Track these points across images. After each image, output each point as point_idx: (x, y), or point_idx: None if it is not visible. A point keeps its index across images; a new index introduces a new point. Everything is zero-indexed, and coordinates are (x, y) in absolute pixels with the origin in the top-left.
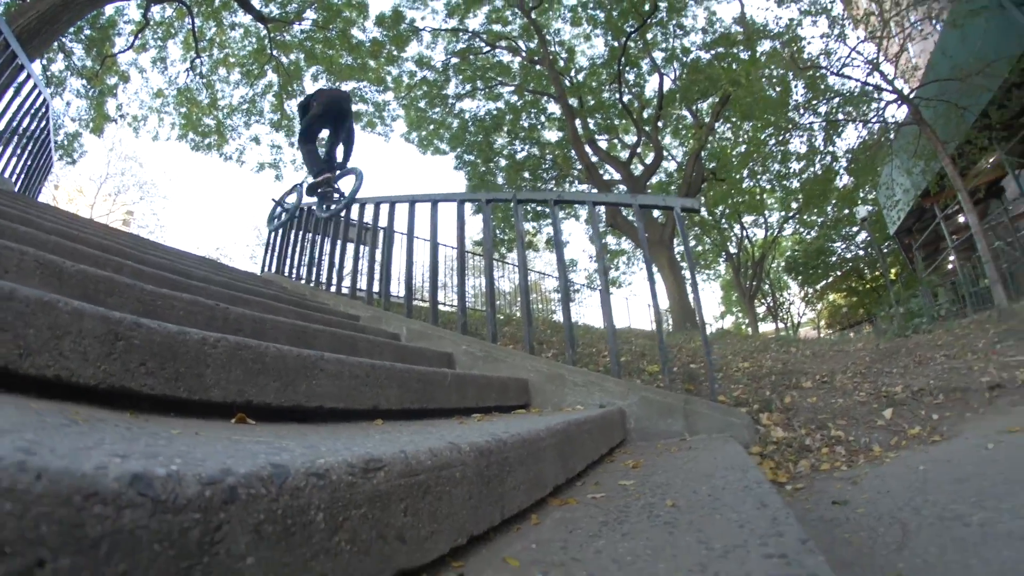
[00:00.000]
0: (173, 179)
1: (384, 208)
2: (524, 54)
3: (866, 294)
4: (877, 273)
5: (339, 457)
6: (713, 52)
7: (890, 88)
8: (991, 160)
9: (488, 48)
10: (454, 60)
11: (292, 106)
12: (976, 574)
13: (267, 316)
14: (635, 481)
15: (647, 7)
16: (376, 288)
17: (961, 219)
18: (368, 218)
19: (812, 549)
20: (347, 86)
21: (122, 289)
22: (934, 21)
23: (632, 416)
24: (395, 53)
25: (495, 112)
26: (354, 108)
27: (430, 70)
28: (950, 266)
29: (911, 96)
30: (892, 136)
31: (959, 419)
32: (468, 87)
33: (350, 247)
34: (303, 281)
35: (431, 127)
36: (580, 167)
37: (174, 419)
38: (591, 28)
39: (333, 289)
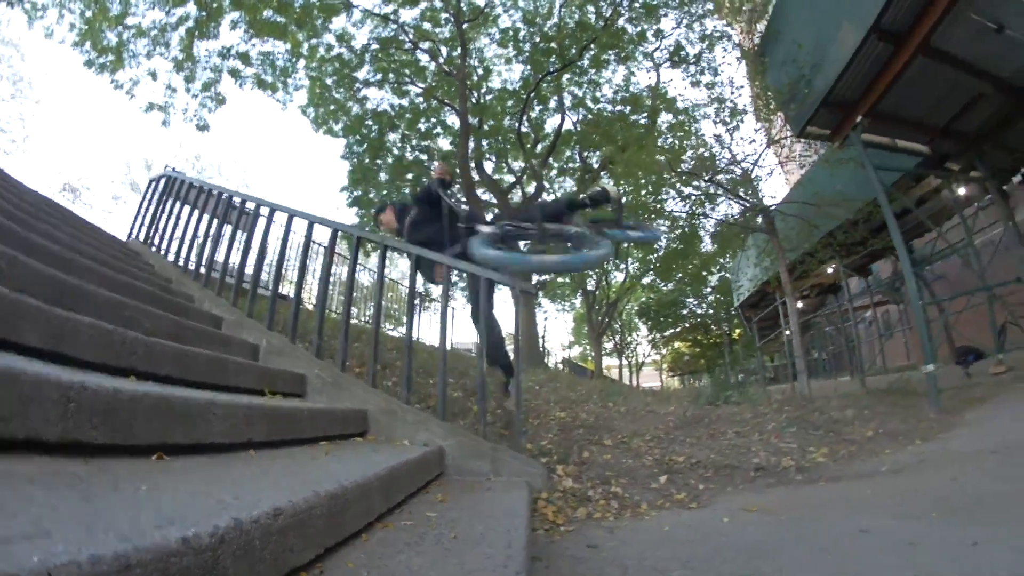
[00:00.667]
0: (54, 86)
1: (260, 209)
2: (443, 60)
3: (709, 347)
4: (720, 333)
5: (261, 508)
6: (618, 110)
7: (750, 201)
8: (831, 268)
9: (410, 44)
10: (375, 46)
11: (203, 47)
12: None
13: (153, 341)
14: (437, 514)
15: (573, 52)
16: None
17: (799, 304)
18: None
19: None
20: (263, 45)
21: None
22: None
23: (450, 454)
24: (320, 24)
25: (397, 108)
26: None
27: (349, 49)
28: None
29: (771, 208)
30: (747, 238)
31: (720, 492)
32: (379, 76)
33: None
34: (170, 258)
35: (332, 107)
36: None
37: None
38: (515, 54)
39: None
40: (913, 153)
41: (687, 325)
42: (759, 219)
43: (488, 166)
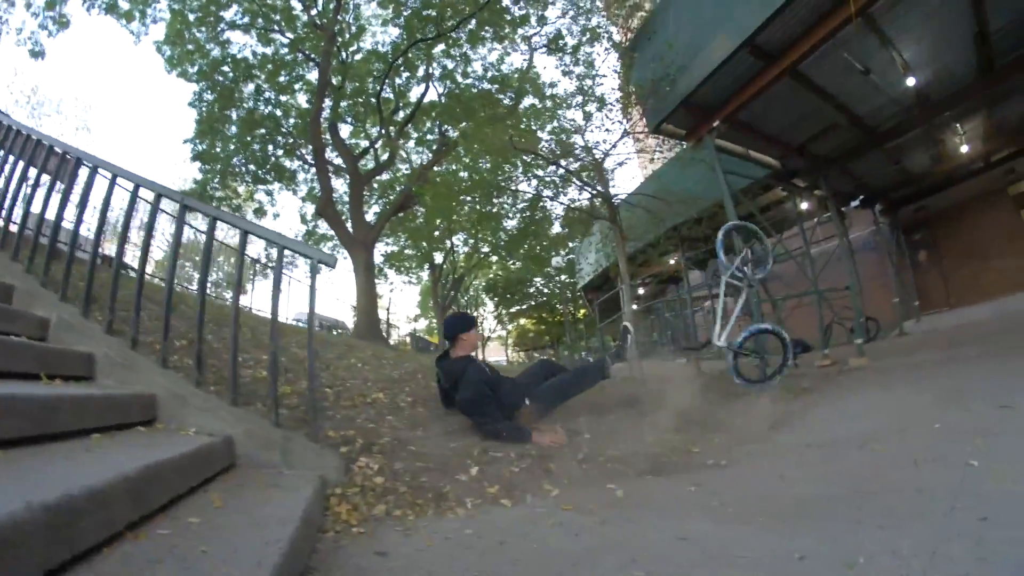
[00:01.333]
0: None
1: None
2: (316, 12)
3: (554, 325)
4: (565, 312)
5: None
6: (485, 88)
7: (597, 190)
8: (674, 260)
9: None
10: None
11: None
12: None
13: None
14: (202, 520)
15: (450, 24)
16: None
17: (640, 291)
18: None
19: None
20: None
21: None
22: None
23: (240, 444)
24: None
25: (260, 57)
26: None
27: None
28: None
29: (616, 198)
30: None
31: (535, 485)
32: (247, 19)
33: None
34: None
35: (190, 47)
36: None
37: None
38: (393, 16)
39: None
40: (764, 164)
41: (533, 303)
42: (604, 208)
43: (346, 131)
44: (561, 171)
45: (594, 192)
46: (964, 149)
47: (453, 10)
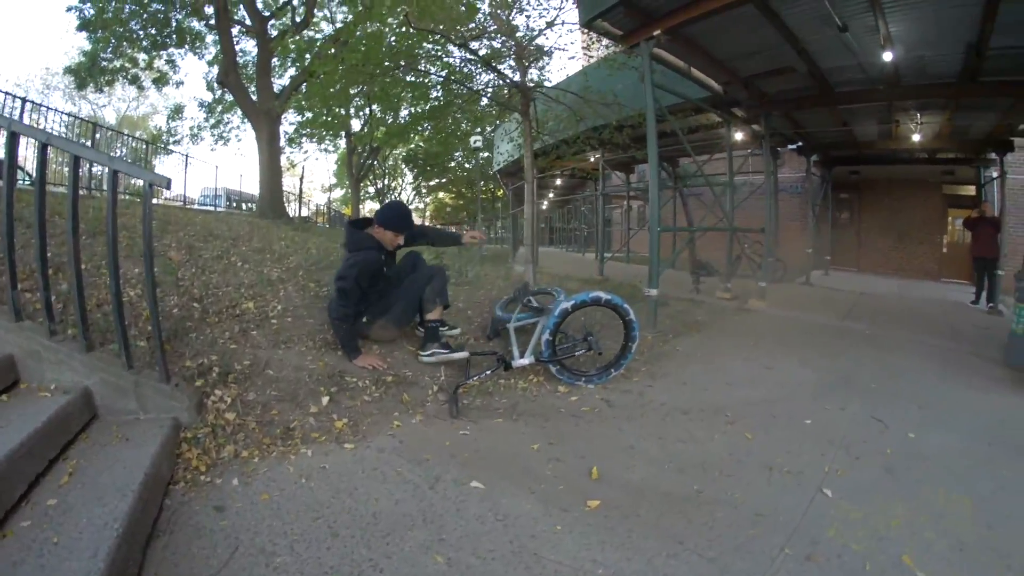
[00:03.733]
0: None
1: None
2: None
3: (472, 201)
4: (485, 189)
5: None
6: None
7: (509, 79)
8: (594, 158)
9: None
10: None
11: None
12: None
13: None
14: (58, 501)
15: None
16: None
17: (558, 182)
18: None
19: None
20: None
21: None
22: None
23: (98, 394)
24: None
25: None
26: None
27: None
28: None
29: (532, 90)
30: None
31: (385, 420)
32: None
33: None
34: None
35: None
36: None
37: None
38: None
39: None
40: (704, 86)
41: (451, 177)
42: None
43: None
44: (470, 55)
45: (507, 82)
46: (916, 138)
47: None
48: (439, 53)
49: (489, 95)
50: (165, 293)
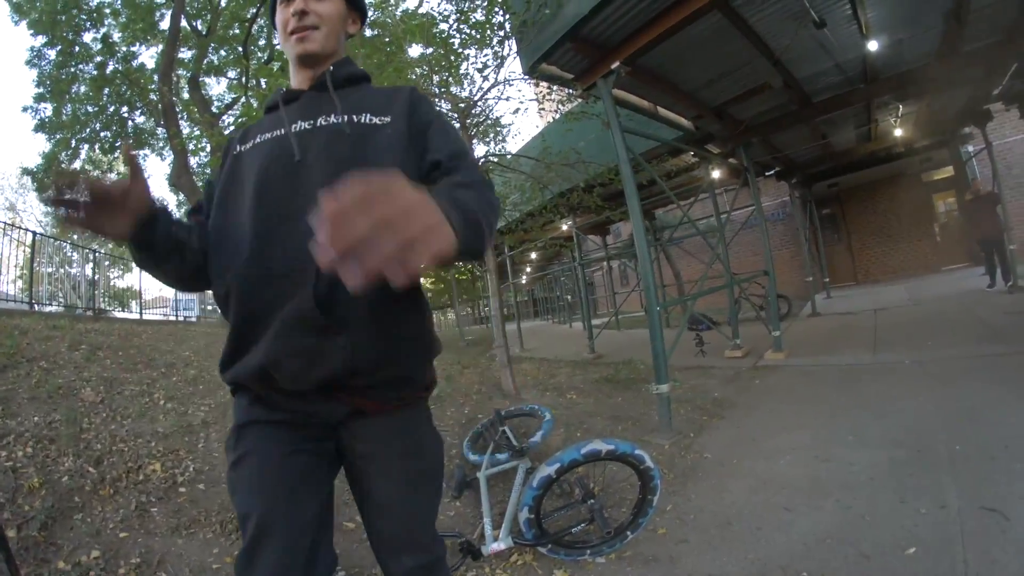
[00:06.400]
0: None
1: None
2: None
3: (450, 285)
4: (463, 269)
5: None
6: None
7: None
8: (566, 226)
9: None
10: None
11: None
12: None
13: None
14: None
15: None
16: None
17: (533, 256)
18: None
19: None
20: None
21: None
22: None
23: None
24: None
25: (118, 1)
26: None
27: None
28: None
29: (484, 160)
30: None
31: None
32: None
33: None
34: None
35: None
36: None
37: None
38: None
39: None
40: (674, 125)
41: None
42: None
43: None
44: None
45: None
46: (898, 133)
47: None
48: None
49: None
50: (60, 452)
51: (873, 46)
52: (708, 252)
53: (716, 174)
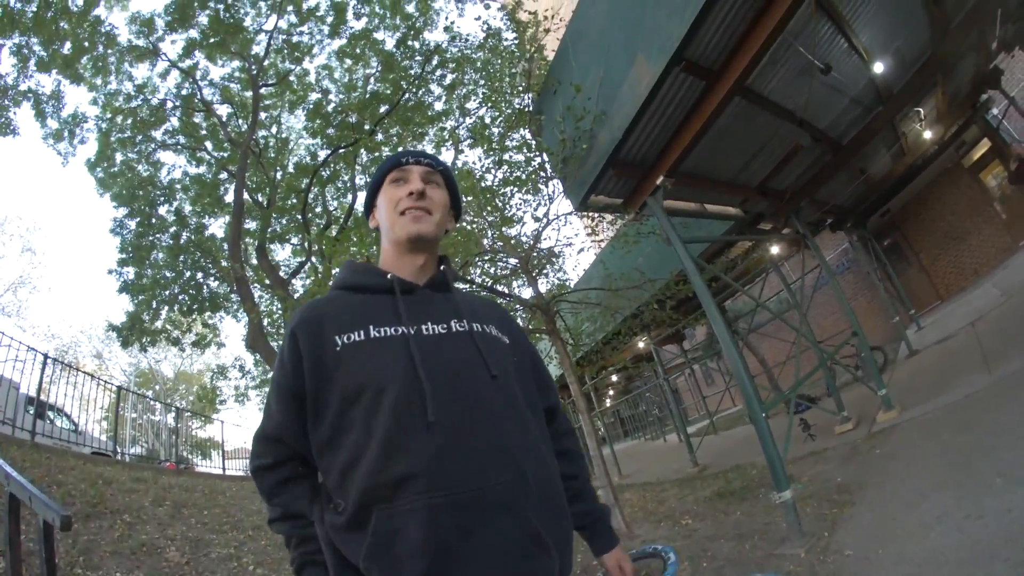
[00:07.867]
0: None
1: None
2: (231, 128)
3: None
4: None
5: None
6: None
7: (509, 297)
8: (642, 343)
9: (203, 108)
10: (173, 104)
11: None
12: None
13: None
14: None
15: (367, 128)
16: None
17: (614, 378)
18: None
19: None
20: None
21: None
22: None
23: None
24: (122, 66)
25: (188, 178)
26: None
27: (148, 105)
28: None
29: (553, 302)
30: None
31: None
32: (175, 140)
33: None
34: None
35: (120, 166)
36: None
37: None
38: (320, 125)
39: None
40: (724, 217)
41: None
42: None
43: (286, 252)
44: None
45: (516, 301)
46: (927, 135)
47: (371, 115)
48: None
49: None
50: None
51: (879, 68)
52: (784, 328)
53: (775, 250)
